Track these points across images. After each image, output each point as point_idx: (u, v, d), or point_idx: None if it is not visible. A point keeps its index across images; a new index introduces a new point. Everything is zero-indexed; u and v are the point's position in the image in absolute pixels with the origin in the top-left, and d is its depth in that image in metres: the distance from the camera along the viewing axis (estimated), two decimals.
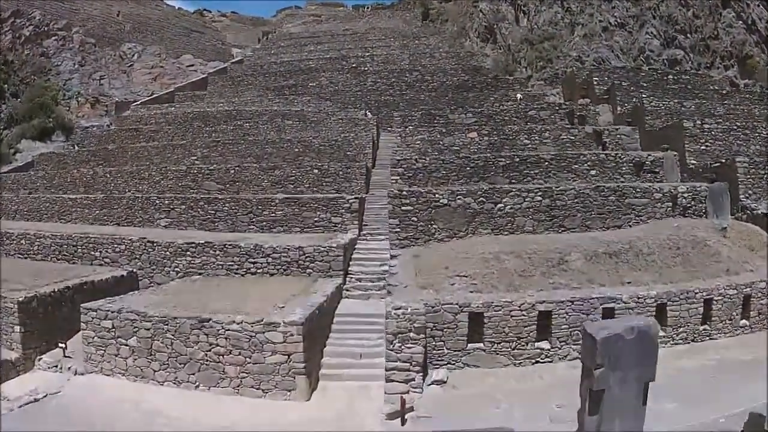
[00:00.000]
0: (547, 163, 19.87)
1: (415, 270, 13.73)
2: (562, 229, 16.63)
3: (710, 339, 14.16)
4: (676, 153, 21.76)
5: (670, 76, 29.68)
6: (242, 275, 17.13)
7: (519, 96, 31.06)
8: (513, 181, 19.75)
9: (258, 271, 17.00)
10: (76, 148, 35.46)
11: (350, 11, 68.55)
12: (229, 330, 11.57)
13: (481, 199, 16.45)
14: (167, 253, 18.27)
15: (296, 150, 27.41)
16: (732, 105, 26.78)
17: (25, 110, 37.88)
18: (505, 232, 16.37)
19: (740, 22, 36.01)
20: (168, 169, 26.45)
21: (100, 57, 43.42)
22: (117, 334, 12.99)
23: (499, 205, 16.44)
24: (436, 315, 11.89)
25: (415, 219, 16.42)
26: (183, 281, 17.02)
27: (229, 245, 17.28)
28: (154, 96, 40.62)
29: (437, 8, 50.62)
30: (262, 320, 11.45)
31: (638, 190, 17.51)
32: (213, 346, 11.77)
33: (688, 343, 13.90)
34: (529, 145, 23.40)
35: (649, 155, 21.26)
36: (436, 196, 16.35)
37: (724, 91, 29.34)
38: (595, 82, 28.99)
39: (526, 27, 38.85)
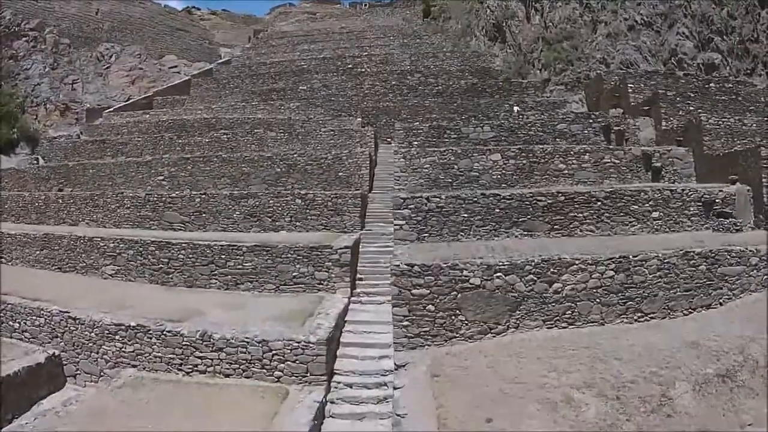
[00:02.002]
0: (600, 203, 14.09)
1: (437, 417, 7.96)
2: (639, 315, 10.84)
3: None
4: (749, 188, 16.01)
5: (712, 84, 23.71)
6: (187, 373, 11.41)
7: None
8: (556, 227, 14.00)
9: (208, 369, 11.28)
10: (41, 161, 29.54)
11: (347, 8, 62.16)
12: None
13: (531, 277, 10.54)
14: (92, 335, 12.53)
15: (278, 170, 21.54)
16: None
17: None
18: (563, 324, 10.41)
19: None
20: (125, 196, 20.62)
21: (74, 59, 37.09)
22: None
23: (556, 285, 10.48)
24: None
25: (432, 307, 10.31)
26: (106, 386, 11.30)
27: (168, 332, 11.49)
28: (131, 101, 34.51)
29: (439, 5, 44.31)
30: None
31: (733, 254, 11.69)
32: None
33: None
34: (565, 171, 17.59)
35: (720, 191, 15.48)
36: (464, 273, 10.24)
37: None
38: (629, 90, 23.04)
39: (540, 24, 32.66)
